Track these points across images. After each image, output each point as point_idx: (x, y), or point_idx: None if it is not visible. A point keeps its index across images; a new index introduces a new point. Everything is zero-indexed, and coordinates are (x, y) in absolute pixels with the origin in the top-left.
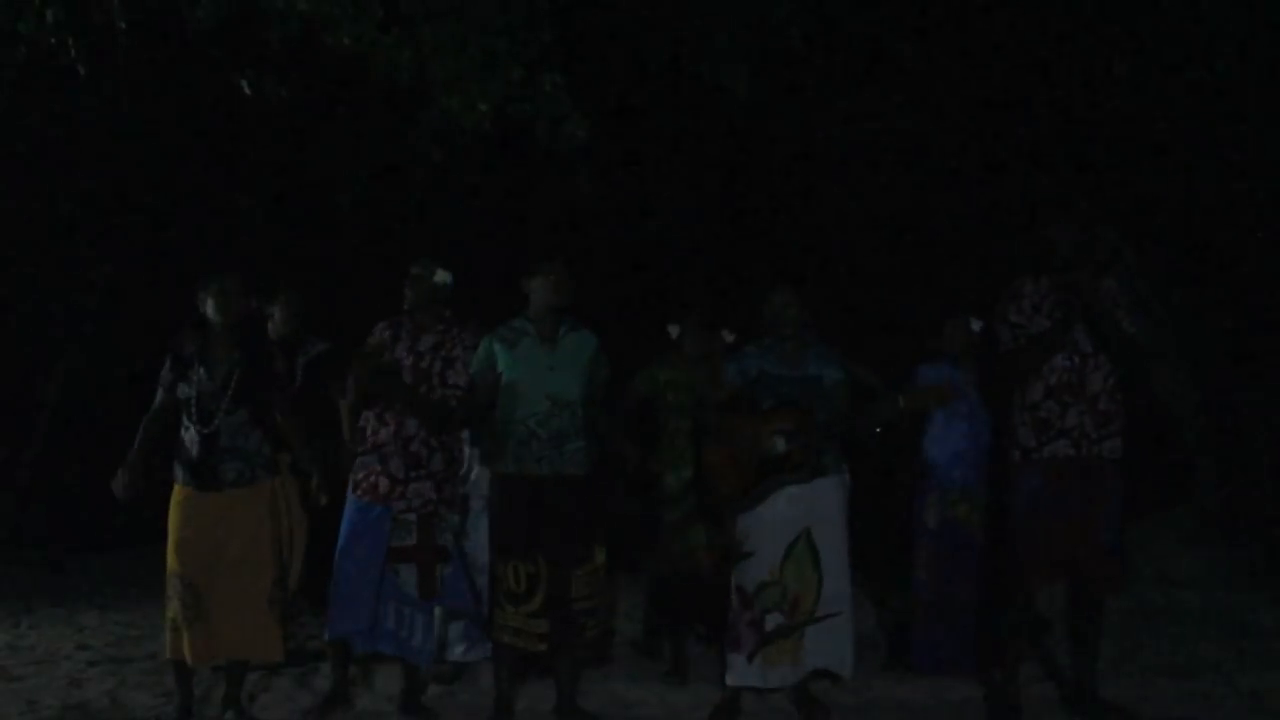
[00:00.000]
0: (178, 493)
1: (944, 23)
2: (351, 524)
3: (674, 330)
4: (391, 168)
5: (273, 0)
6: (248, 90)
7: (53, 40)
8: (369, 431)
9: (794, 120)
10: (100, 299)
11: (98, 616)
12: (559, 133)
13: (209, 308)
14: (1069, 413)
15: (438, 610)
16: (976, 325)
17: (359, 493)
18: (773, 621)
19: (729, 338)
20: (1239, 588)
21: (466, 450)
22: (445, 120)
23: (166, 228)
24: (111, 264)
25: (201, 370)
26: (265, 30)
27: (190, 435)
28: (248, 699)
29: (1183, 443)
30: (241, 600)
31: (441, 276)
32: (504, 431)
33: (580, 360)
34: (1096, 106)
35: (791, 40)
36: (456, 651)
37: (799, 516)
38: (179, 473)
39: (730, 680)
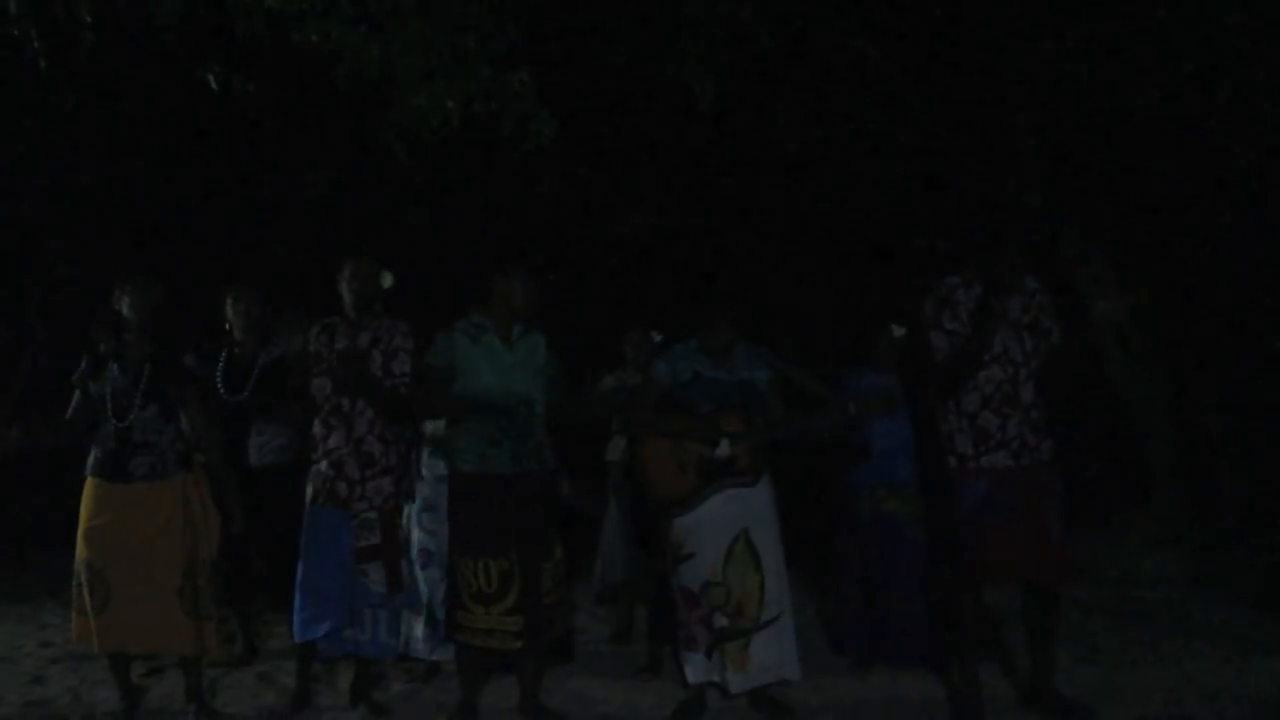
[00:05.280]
0: (90, 484)
1: (913, 27)
2: (315, 531)
3: (656, 336)
4: (358, 164)
5: None
6: (214, 85)
7: (15, 32)
8: (319, 439)
9: (761, 122)
10: (64, 296)
11: (60, 613)
12: (525, 132)
13: (124, 305)
14: (1009, 424)
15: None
16: (898, 331)
17: (320, 500)
18: (719, 621)
19: (656, 338)
20: (1199, 588)
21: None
22: (412, 118)
23: (130, 224)
24: (73, 260)
25: (115, 367)
26: (231, 25)
27: (106, 429)
28: (210, 694)
29: (1144, 445)
30: (146, 593)
31: (387, 279)
32: (468, 429)
33: (536, 359)
34: (1061, 109)
35: (759, 44)
36: (423, 649)
37: (737, 517)
38: (92, 465)
39: (691, 678)
